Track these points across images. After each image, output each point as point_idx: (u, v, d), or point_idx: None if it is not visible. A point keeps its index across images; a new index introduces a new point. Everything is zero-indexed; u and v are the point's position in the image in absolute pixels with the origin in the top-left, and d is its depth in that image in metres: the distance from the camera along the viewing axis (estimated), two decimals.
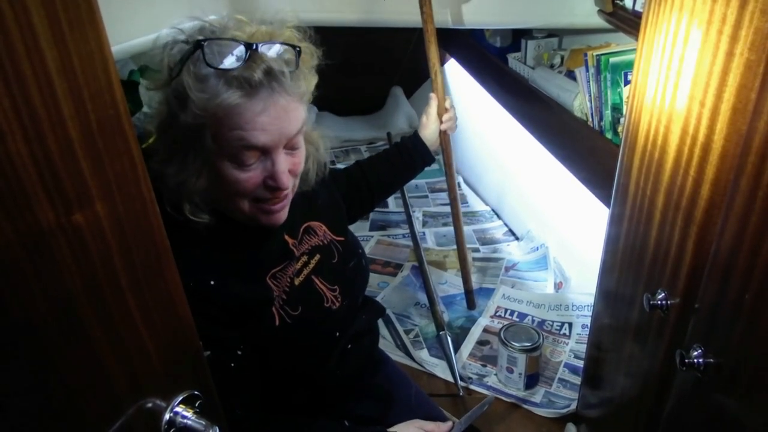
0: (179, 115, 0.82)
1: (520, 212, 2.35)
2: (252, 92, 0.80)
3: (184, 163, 0.85)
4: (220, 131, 0.81)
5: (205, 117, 0.80)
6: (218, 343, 0.88)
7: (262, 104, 0.81)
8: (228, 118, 0.80)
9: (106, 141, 0.50)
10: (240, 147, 0.82)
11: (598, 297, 1.23)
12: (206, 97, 0.80)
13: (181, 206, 0.86)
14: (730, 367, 0.69)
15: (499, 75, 1.93)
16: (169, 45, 0.83)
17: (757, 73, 0.63)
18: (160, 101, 0.86)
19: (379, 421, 1.14)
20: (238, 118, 0.80)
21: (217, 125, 0.81)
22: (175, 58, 0.82)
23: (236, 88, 0.79)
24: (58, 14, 0.44)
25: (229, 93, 0.79)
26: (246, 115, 0.80)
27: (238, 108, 0.80)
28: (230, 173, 0.84)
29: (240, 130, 0.81)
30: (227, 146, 0.82)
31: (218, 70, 0.79)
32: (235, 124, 0.80)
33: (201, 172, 0.85)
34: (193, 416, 0.63)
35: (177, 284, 0.62)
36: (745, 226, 0.64)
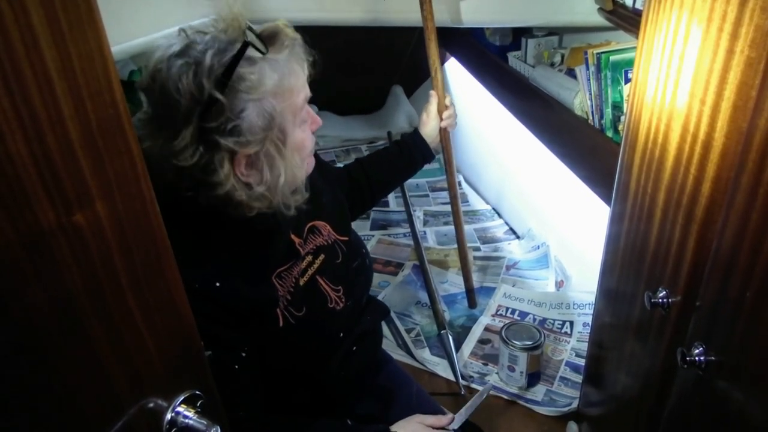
0: (246, 130, 0.81)
1: (521, 211, 2.35)
2: (292, 55, 0.86)
3: (273, 164, 0.86)
4: (295, 101, 0.87)
5: (283, 99, 0.84)
6: (222, 344, 0.88)
7: (299, 60, 0.88)
8: (296, 85, 0.86)
9: (106, 140, 0.50)
10: (304, 104, 0.89)
11: (599, 295, 1.23)
12: (278, 77, 0.83)
13: (288, 202, 0.90)
14: (732, 364, 0.69)
15: (500, 74, 1.93)
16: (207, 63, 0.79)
17: (758, 70, 0.62)
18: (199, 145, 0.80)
19: (380, 420, 1.14)
20: (300, 79, 0.87)
21: (292, 98, 0.86)
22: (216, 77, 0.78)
23: (284, 61, 0.84)
24: (58, 14, 0.44)
25: (283, 67, 0.84)
26: (301, 74, 0.88)
27: (295, 71, 0.86)
28: (303, 137, 0.90)
29: (305, 88, 0.89)
30: (300, 111, 0.88)
31: (265, 56, 0.82)
32: (301, 84, 0.88)
33: (293, 157, 0.89)
34: (195, 416, 0.63)
35: (178, 284, 0.62)
36: (746, 223, 0.64)
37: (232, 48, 0.80)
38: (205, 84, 0.77)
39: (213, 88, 0.77)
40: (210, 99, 0.78)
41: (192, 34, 0.83)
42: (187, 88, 0.78)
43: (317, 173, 1.06)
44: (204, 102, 0.78)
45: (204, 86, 0.77)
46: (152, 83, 0.81)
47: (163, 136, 0.81)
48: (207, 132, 0.79)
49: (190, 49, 0.80)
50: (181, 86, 0.78)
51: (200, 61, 0.79)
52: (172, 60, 0.80)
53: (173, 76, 0.79)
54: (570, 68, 1.58)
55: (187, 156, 0.80)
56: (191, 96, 0.78)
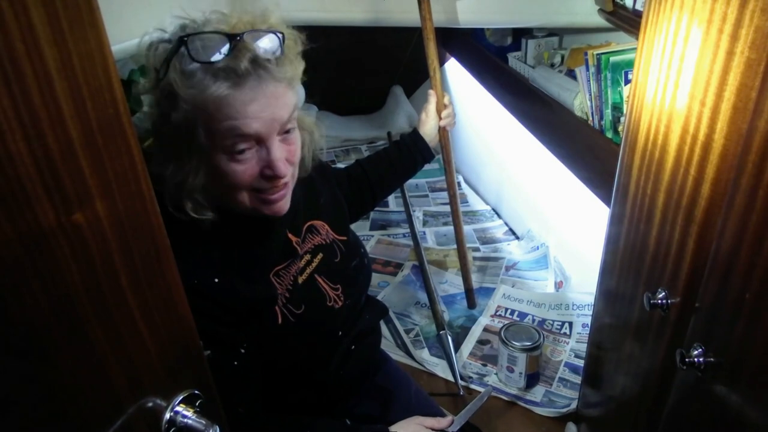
0: (170, 114, 0.82)
1: (521, 211, 2.35)
2: (240, 82, 0.80)
3: (180, 162, 0.84)
4: (212, 124, 0.81)
5: (196, 112, 0.81)
6: (221, 341, 0.88)
7: (251, 93, 0.81)
8: (218, 111, 0.80)
9: (106, 140, 0.50)
10: (233, 137, 0.82)
11: (599, 296, 1.23)
12: (194, 92, 0.80)
13: (183, 206, 0.85)
14: (730, 365, 0.69)
15: (500, 74, 1.93)
16: (154, 46, 0.83)
17: (758, 71, 0.63)
18: (151, 104, 0.86)
19: (379, 421, 1.14)
20: (228, 108, 0.80)
21: (209, 119, 0.81)
22: (160, 58, 0.82)
23: (223, 80, 0.79)
24: (58, 13, 0.44)
25: (217, 85, 0.79)
26: (236, 105, 0.80)
27: (228, 99, 0.80)
28: (226, 166, 0.84)
29: (231, 120, 0.81)
30: (220, 139, 0.82)
31: (204, 64, 0.79)
32: (226, 115, 0.80)
33: (198, 169, 0.85)
34: (194, 415, 0.63)
35: (177, 283, 0.62)
36: (745, 225, 0.64)
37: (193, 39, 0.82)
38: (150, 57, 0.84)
39: (152, 64, 0.84)
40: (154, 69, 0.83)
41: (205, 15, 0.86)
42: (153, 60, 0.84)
43: (316, 174, 1.06)
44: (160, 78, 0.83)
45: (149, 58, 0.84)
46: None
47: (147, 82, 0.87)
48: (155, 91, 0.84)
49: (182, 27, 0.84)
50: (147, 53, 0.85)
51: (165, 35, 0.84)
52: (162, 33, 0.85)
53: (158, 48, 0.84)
54: (570, 69, 1.58)
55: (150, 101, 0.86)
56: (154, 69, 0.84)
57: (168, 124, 0.83)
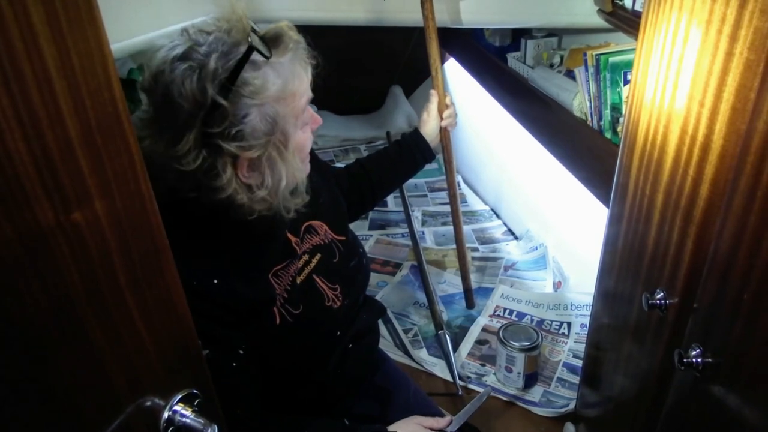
0: (249, 134, 0.81)
1: (519, 212, 2.35)
2: (295, 58, 0.86)
3: (274, 167, 0.86)
4: (297, 104, 0.87)
5: (286, 103, 0.84)
6: (220, 342, 0.88)
7: (302, 62, 0.88)
8: (299, 88, 0.86)
9: (106, 139, 0.50)
10: (306, 107, 0.90)
11: (597, 296, 1.23)
12: (281, 83, 0.83)
13: (288, 206, 0.90)
14: (729, 366, 0.70)
15: (499, 74, 1.93)
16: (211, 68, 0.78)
17: (757, 72, 0.63)
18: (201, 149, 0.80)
19: (378, 420, 1.14)
20: (303, 83, 0.87)
21: (294, 101, 0.86)
22: (220, 82, 0.77)
23: (287, 64, 0.84)
24: (58, 12, 0.44)
25: (286, 70, 0.84)
26: (304, 77, 0.88)
27: (298, 76, 0.86)
28: (303, 138, 0.91)
29: (307, 92, 0.89)
30: (302, 114, 0.89)
31: (269, 60, 0.82)
32: (304, 88, 0.88)
33: (294, 159, 0.89)
34: (192, 415, 0.63)
35: (176, 283, 0.62)
36: (744, 226, 0.64)
37: (236, 51, 0.79)
38: (208, 89, 0.77)
39: (216, 93, 0.77)
40: (213, 104, 0.77)
41: (194, 35, 0.82)
42: (191, 92, 0.77)
43: (315, 173, 1.06)
44: (207, 107, 0.77)
45: (207, 91, 0.77)
46: (154, 85, 0.80)
47: (165, 139, 0.80)
48: (210, 136, 0.79)
49: (193, 51, 0.79)
50: (184, 90, 0.77)
51: (204, 65, 0.77)
52: (176, 63, 0.79)
53: (177, 80, 0.78)
54: (569, 69, 1.58)
55: (189, 160, 0.80)
56: (194, 100, 0.77)
57: (252, 144, 0.82)
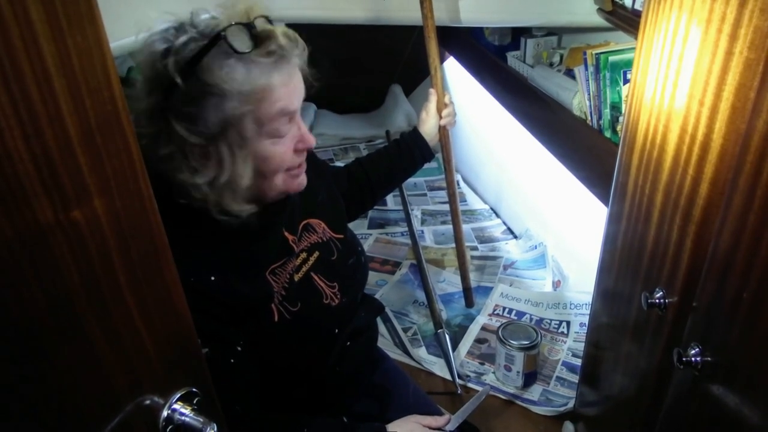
0: (207, 119, 0.81)
1: (519, 211, 2.35)
2: (277, 64, 0.83)
3: (222, 165, 0.84)
4: (262, 111, 0.84)
5: (244, 105, 0.82)
6: (218, 339, 0.88)
7: (286, 70, 0.85)
8: (268, 95, 0.83)
9: (105, 137, 0.50)
10: (281, 118, 0.86)
11: (596, 295, 1.23)
12: (242, 84, 0.81)
13: (230, 209, 0.87)
14: (727, 365, 0.70)
15: (498, 73, 1.93)
16: (174, 50, 0.80)
17: (757, 71, 0.63)
18: (153, 117, 0.83)
19: (377, 419, 1.15)
20: (276, 91, 0.84)
21: (258, 107, 0.83)
22: (183, 61, 0.79)
23: (264, 66, 0.82)
24: (57, 10, 0.44)
25: (260, 71, 0.82)
26: (280, 86, 0.84)
27: (273, 82, 0.83)
28: (271, 151, 0.87)
29: (281, 102, 0.84)
30: (269, 123, 0.85)
31: (242, 55, 0.80)
32: (277, 97, 0.84)
33: (245, 166, 0.87)
34: (191, 413, 0.63)
35: (176, 281, 0.62)
36: (743, 224, 0.64)
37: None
38: (168, 65, 0.80)
39: (174, 71, 0.79)
40: (169, 81, 0.80)
41: (196, 17, 0.85)
42: (153, 64, 0.82)
43: (312, 171, 1.06)
44: (165, 83, 0.80)
45: (167, 67, 0.80)
46: (140, 54, 0.84)
47: (133, 104, 0.83)
48: (164, 109, 0.82)
49: (179, 30, 0.83)
50: (151, 61, 0.82)
51: (173, 43, 0.81)
52: (161, 34, 0.83)
53: (154, 51, 0.82)
54: (569, 68, 1.58)
55: (143, 122, 0.82)
56: (155, 73, 0.81)
57: (202, 130, 0.82)
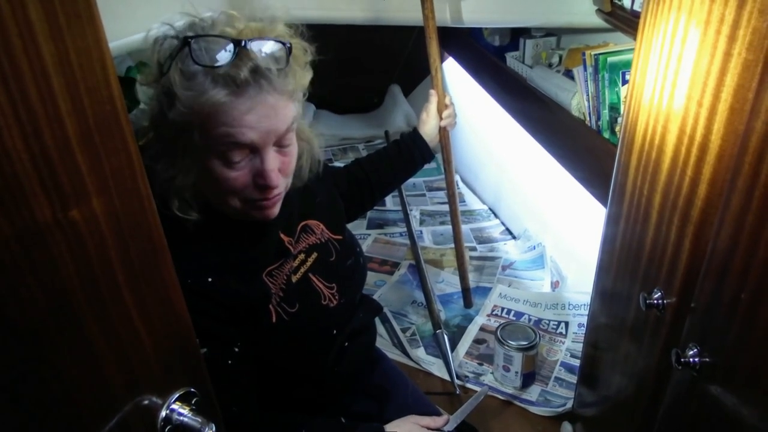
0: (167, 112, 0.81)
1: (517, 211, 2.35)
2: (239, 90, 0.79)
3: (173, 159, 0.84)
4: (207, 129, 0.80)
5: (192, 114, 0.79)
6: (215, 340, 0.88)
7: (249, 102, 0.80)
8: (215, 116, 0.79)
9: (103, 137, 0.50)
10: (227, 144, 0.81)
11: (595, 296, 1.23)
12: (192, 94, 0.79)
13: (170, 203, 0.85)
14: (726, 366, 0.70)
15: (497, 74, 1.93)
16: (159, 40, 0.82)
17: (755, 73, 0.63)
18: (151, 97, 0.85)
19: (375, 419, 1.14)
20: (224, 116, 0.79)
21: (204, 123, 0.80)
22: (164, 54, 0.81)
23: (223, 86, 0.78)
24: (56, 9, 0.44)
25: (215, 91, 0.78)
26: (233, 113, 0.79)
27: (225, 106, 0.79)
28: (219, 171, 0.83)
29: (227, 127, 0.80)
30: (215, 144, 0.81)
31: (206, 68, 0.78)
32: (222, 121, 0.79)
33: (190, 170, 0.84)
34: (190, 413, 0.63)
35: (174, 281, 0.62)
36: (741, 225, 0.64)
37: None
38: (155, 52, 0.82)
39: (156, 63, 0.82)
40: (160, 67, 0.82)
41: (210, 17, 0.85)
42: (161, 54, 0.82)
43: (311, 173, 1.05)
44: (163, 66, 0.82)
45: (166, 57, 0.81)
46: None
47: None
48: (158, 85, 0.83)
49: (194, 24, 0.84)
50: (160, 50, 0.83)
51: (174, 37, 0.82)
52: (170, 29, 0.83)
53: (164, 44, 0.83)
54: (568, 69, 1.59)
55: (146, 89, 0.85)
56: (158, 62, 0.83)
57: (165, 120, 0.82)
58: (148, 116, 0.86)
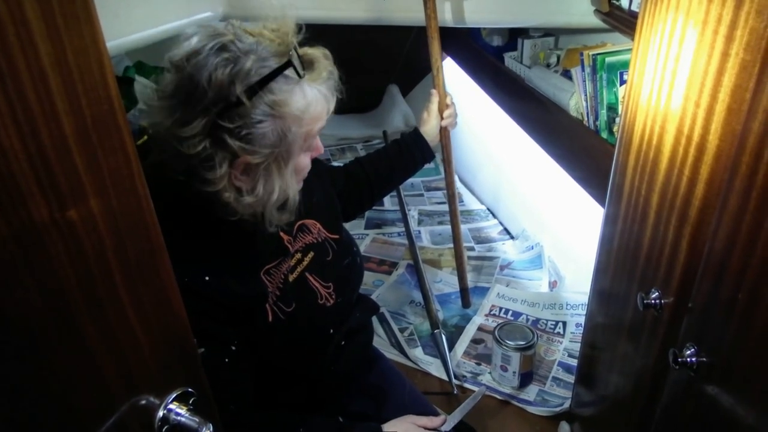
0: (256, 139, 0.81)
1: (516, 211, 2.35)
2: (323, 89, 0.88)
3: (269, 179, 0.87)
4: (311, 128, 0.88)
5: (303, 125, 0.85)
6: (212, 338, 0.88)
7: (326, 94, 0.89)
8: (318, 115, 0.88)
9: (101, 136, 0.49)
10: (316, 133, 0.91)
11: (593, 296, 1.23)
12: (302, 107, 0.84)
13: (273, 220, 0.90)
14: (723, 365, 0.70)
15: (496, 74, 1.93)
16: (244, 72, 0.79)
17: (752, 73, 0.63)
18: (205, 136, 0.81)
19: (372, 419, 1.14)
20: (320, 111, 0.88)
21: (309, 125, 0.87)
22: (249, 83, 0.79)
23: (318, 91, 0.86)
24: (53, 9, 0.44)
25: (315, 96, 0.86)
26: (322, 108, 0.89)
27: (319, 104, 0.87)
28: (304, 161, 0.92)
29: (321, 120, 0.89)
30: (310, 140, 0.90)
31: (301, 79, 0.83)
32: (322, 117, 0.89)
33: (292, 178, 0.90)
34: (187, 413, 0.63)
35: (171, 281, 0.61)
36: (738, 225, 0.64)
37: (273, 61, 0.81)
38: (237, 84, 0.78)
39: (243, 91, 0.79)
40: (236, 100, 0.79)
41: (238, 31, 0.83)
42: (220, 82, 0.79)
43: (309, 173, 1.05)
44: (229, 101, 0.79)
45: (235, 86, 0.78)
46: (185, 63, 0.81)
47: (175, 117, 0.81)
48: (219, 129, 0.80)
49: (233, 45, 0.81)
50: (215, 77, 0.79)
51: (240, 62, 0.79)
52: (214, 49, 0.80)
53: (210, 65, 0.79)
54: (566, 69, 1.59)
55: (191, 144, 0.81)
56: (220, 90, 0.79)
57: (256, 149, 0.82)
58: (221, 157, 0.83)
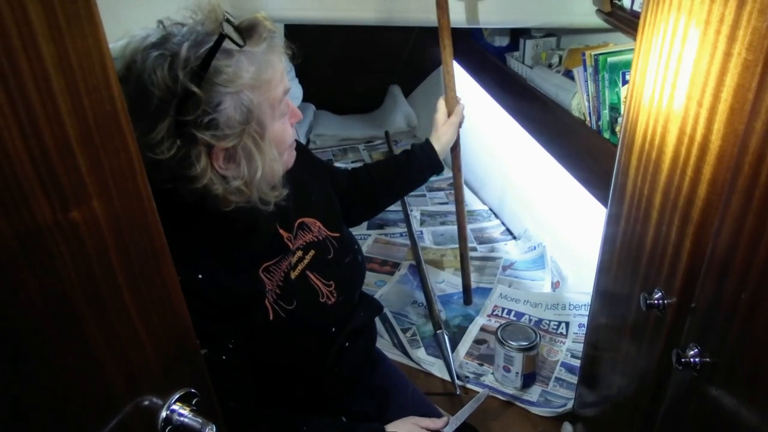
0: (223, 123, 0.80)
1: (518, 211, 2.35)
2: (270, 49, 0.86)
3: (251, 159, 0.85)
4: (272, 95, 0.86)
5: (257, 93, 0.83)
6: (208, 336, 0.87)
7: (279, 52, 0.88)
8: (273, 79, 0.85)
9: (103, 137, 0.50)
10: (283, 97, 0.89)
11: (595, 296, 1.23)
12: (253, 74, 0.82)
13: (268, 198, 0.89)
14: (726, 366, 0.70)
15: (498, 74, 1.93)
16: (184, 56, 0.78)
17: (755, 73, 0.63)
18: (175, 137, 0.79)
19: (375, 419, 1.14)
20: (273, 73, 0.86)
21: (268, 92, 0.85)
22: (193, 69, 0.77)
23: (263, 54, 0.84)
24: (56, 10, 0.44)
25: (263, 60, 0.83)
26: (279, 68, 0.87)
27: (274, 66, 0.85)
28: (283, 129, 0.90)
29: (280, 83, 0.87)
30: (278, 105, 0.88)
31: (242, 48, 0.81)
32: (276, 79, 0.86)
33: (271, 150, 0.88)
34: (190, 414, 0.63)
35: (174, 281, 0.62)
36: (741, 225, 0.64)
37: (209, 40, 0.79)
38: (180, 76, 0.77)
39: (188, 81, 0.77)
40: (185, 92, 0.77)
41: (170, 26, 0.83)
42: (162, 80, 0.77)
43: (306, 171, 1.05)
44: (179, 95, 0.77)
45: (179, 78, 0.77)
46: (127, 74, 0.80)
47: (139, 128, 0.79)
48: (183, 125, 0.79)
49: (166, 41, 0.80)
50: (155, 78, 0.77)
51: (176, 53, 0.78)
52: (148, 51, 0.79)
53: (148, 68, 0.78)
54: (568, 69, 1.59)
55: (163, 149, 0.79)
56: (167, 88, 0.77)
57: (227, 133, 0.81)
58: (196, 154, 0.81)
